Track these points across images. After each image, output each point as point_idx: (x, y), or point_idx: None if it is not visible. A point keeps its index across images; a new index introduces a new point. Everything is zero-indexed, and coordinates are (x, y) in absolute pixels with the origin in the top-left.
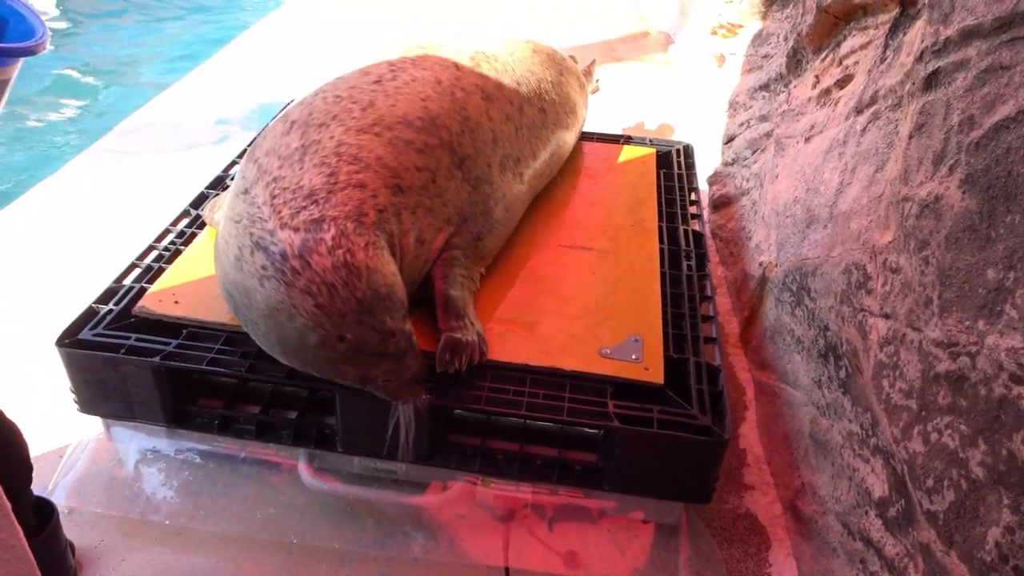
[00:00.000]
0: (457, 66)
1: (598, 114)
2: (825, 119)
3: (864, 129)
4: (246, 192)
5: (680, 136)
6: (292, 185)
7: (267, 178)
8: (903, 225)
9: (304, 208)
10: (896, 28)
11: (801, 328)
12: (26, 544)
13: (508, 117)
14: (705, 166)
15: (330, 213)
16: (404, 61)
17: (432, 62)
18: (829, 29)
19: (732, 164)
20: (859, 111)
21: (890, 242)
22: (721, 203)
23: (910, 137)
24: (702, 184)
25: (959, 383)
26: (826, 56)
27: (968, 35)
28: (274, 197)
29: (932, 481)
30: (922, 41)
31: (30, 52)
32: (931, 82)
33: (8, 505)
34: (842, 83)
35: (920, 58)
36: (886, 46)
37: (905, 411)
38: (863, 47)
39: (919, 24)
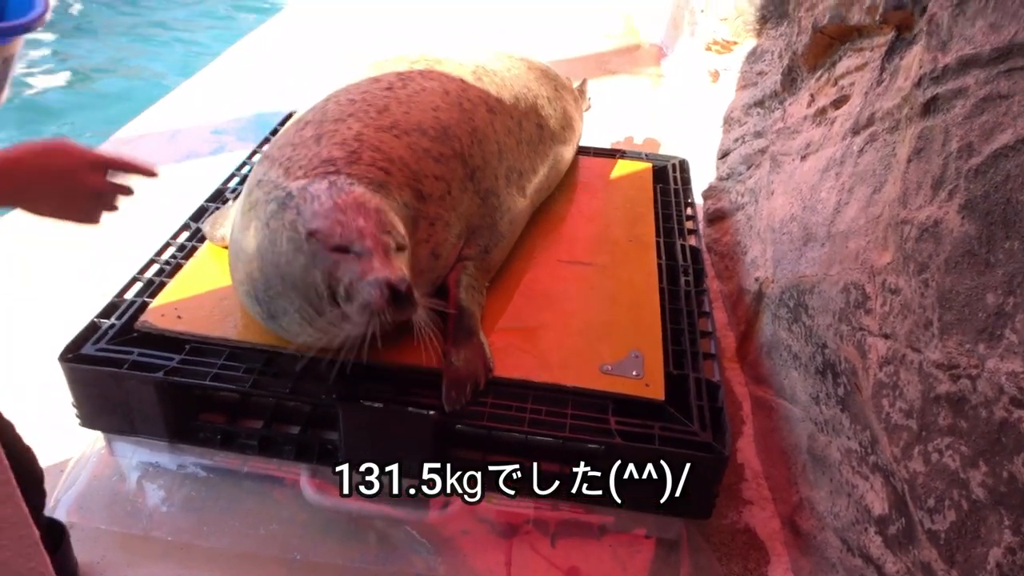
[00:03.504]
0: (461, 78)
1: (588, 125)
2: (821, 138)
3: (861, 150)
4: (259, 183)
5: (673, 150)
6: (308, 155)
7: (281, 159)
8: (902, 247)
9: (318, 167)
10: (892, 52)
11: (798, 344)
12: (52, 571)
13: (510, 131)
14: (699, 180)
15: (347, 170)
16: (411, 72)
17: (438, 73)
18: (824, 49)
19: (727, 179)
20: (856, 132)
21: (889, 263)
22: (716, 217)
23: (908, 161)
24: (697, 199)
25: (959, 405)
26: (821, 75)
27: (966, 64)
28: (288, 170)
29: (933, 501)
30: (920, 67)
31: (27, 29)
32: (930, 108)
33: (37, 534)
34: (838, 103)
35: (918, 84)
36: (882, 68)
37: (905, 431)
38: (859, 68)
39: (916, 49)
